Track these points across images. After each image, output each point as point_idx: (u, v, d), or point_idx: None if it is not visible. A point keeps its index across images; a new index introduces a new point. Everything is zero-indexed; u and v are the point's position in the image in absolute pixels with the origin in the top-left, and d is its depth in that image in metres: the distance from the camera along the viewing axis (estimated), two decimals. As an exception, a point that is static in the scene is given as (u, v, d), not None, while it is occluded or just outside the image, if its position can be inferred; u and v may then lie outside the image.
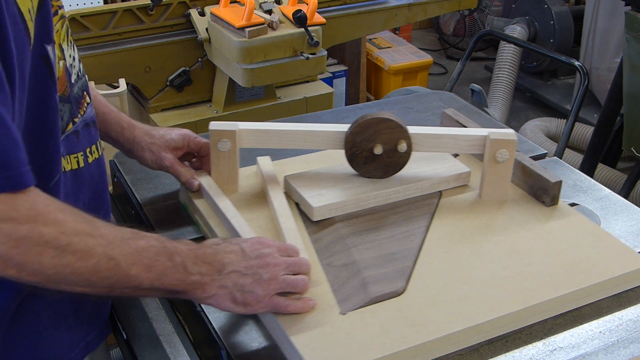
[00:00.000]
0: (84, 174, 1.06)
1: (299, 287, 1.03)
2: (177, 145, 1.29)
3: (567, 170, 1.53)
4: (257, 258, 1.01)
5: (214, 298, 0.98)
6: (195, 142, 1.31)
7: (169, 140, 1.28)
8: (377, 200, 1.28)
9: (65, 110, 1.01)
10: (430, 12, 2.98)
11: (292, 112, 2.59)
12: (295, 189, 1.28)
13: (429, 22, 5.41)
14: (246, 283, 0.98)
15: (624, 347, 1.05)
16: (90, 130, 1.08)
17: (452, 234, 1.22)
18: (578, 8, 4.57)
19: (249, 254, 1.01)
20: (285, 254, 1.04)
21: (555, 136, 3.76)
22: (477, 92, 2.71)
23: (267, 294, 0.99)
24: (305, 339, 0.99)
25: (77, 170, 1.04)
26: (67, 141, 1.01)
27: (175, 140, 1.29)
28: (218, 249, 1.00)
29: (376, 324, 1.02)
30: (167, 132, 1.29)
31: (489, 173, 1.29)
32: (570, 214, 1.28)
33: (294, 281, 1.02)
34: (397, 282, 1.10)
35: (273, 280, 1.00)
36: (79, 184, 1.04)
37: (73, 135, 1.02)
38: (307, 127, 1.29)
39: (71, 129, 1.02)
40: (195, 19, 2.43)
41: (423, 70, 4.14)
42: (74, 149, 1.03)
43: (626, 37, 2.67)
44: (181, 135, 1.30)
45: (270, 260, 1.01)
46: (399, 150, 1.27)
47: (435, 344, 1.01)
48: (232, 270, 0.98)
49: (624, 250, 1.19)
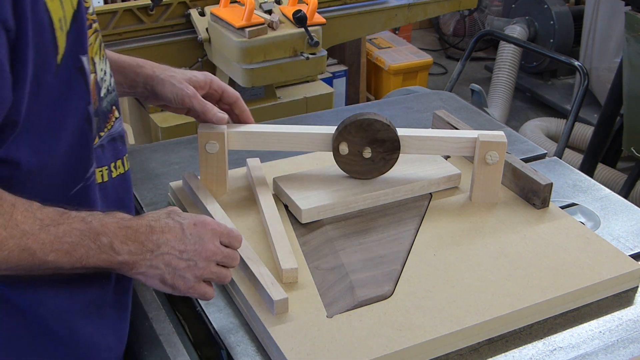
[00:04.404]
0: (108, 189, 1.05)
1: (225, 280, 1.03)
2: (198, 83, 1.24)
3: (567, 170, 1.53)
4: (196, 243, 0.98)
5: (143, 275, 0.96)
6: (218, 84, 1.27)
7: (190, 76, 1.24)
8: (366, 203, 1.28)
9: (94, 124, 1.00)
10: (430, 12, 2.98)
11: (292, 112, 2.59)
12: (284, 191, 1.28)
13: (429, 22, 5.40)
14: (179, 267, 0.97)
15: (624, 347, 1.05)
16: (117, 145, 1.07)
17: (442, 237, 1.22)
18: (578, 8, 4.55)
19: (188, 237, 0.98)
20: (226, 241, 1.02)
21: (555, 136, 3.75)
22: (477, 92, 2.71)
23: (197, 280, 0.99)
24: (291, 343, 0.99)
25: (101, 184, 1.03)
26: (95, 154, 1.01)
27: (197, 77, 1.24)
28: (155, 226, 0.97)
29: (363, 328, 1.02)
30: (189, 71, 1.26)
31: (479, 175, 1.29)
32: (561, 217, 1.28)
33: (224, 274, 1.02)
34: (385, 286, 1.10)
35: (206, 269, 0.99)
36: (104, 198, 1.03)
37: (99, 149, 1.02)
38: (295, 130, 1.29)
39: (97, 142, 1.01)
40: (195, 19, 2.43)
41: (423, 70, 4.13)
42: (99, 162, 1.02)
43: (626, 37, 2.67)
44: (203, 74, 1.26)
45: (209, 247, 0.99)
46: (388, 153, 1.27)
47: (422, 347, 1.00)
48: (167, 252, 0.96)
49: (615, 253, 1.19)
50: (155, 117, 2.48)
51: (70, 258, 0.90)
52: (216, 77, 1.27)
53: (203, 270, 0.99)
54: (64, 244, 0.89)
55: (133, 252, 0.94)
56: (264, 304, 1.06)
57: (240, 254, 1.12)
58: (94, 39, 1.00)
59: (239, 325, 1.08)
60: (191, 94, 1.21)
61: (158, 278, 0.97)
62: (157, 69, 1.24)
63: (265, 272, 1.08)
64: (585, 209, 1.39)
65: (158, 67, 1.24)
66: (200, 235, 0.99)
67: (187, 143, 1.58)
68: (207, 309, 1.10)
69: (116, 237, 0.93)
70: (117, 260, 0.93)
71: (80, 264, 0.91)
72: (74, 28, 0.90)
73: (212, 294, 1.01)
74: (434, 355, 1.02)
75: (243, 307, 1.09)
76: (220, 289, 1.14)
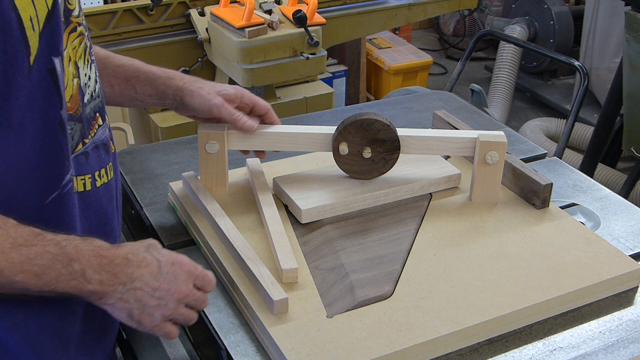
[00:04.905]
0: (91, 198, 1.02)
1: (190, 323, 1.00)
2: (229, 96, 1.23)
3: (567, 170, 1.53)
4: (170, 283, 0.96)
5: (111, 306, 0.94)
6: (249, 97, 1.26)
7: (220, 89, 1.24)
8: (366, 203, 1.28)
9: (77, 130, 0.98)
10: (430, 12, 2.98)
11: (292, 112, 2.59)
12: (284, 191, 1.28)
13: (429, 22, 5.40)
14: (149, 304, 0.94)
15: (624, 347, 1.05)
16: (100, 153, 1.04)
17: (442, 237, 1.22)
18: (578, 8, 4.56)
19: (163, 275, 0.95)
20: (200, 284, 1.00)
21: (555, 136, 3.75)
22: (477, 92, 2.71)
23: (163, 319, 0.96)
24: (291, 343, 0.99)
25: (83, 193, 1.00)
26: (76, 162, 0.98)
27: (228, 90, 1.24)
28: (132, 259, 0.94)
29: (363, 328, 1.02)
30: (220, 84, 1.26)
31: (479, 175, 1.29)
32: (561, 217, 1.28)
33: (191, 317, 0.99)
34: (385, 286, 1.10)
35: (175, 310, 0.97)
36: (85, 207, 1.01)
37: (82, 156, 0.99)
38: (295, 130, 1.29)
39: (80, 149, 0.99)
40: (195, 19, 2.43)
41: (423, 70, 4.13)
42: (82, 170, 1.00)
43: (626, 37, 2.67)
44: (234, 88, 1.25)
45: (182, 289, 0.97)
46: (388, 153, 1.27)
47: (422, 347, 1.00)
48: (139, 288, 0.94)
49: (615, 253, 1.19)
50: (155, 117, 2.48)
51: (39, 281, 0.87)
52: (247, 91, 1.27)
53: (172, 311, 0.96)
54: (34, 266, 0.86)
55: (104, 283, 0.91)
56: (264, 304, 1.06)
57: (240, 254, 1.12)
58: (78, 42, 0.98)
59: (239, 325, 1.08)
60: (219, 103, 1.21)
61: (126, 312, 0.94)
62: (187, 81, 1.24)
63: (265, 272, 1.08)
64: (585, 209, 1.39)
65: (188, 79, 1.24)
66: (175, 275, 0.96)
67: (187, 143, 1.58)
68: (207, 309, 1.10)
69: (89, 265, 0.90)
70: (87, 288, 0.90)
71: (48, 287, 0.88)
72: (48, 29, 0.88)
73: (176, 333, 0.99)
74: (434, 355, 1.02)
75: (243, 307, 1.09)
76: (220, 289, 1.14)
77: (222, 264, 1.14)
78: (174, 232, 1.27)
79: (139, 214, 1.34)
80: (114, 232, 1.09)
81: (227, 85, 1.26)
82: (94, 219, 1.03)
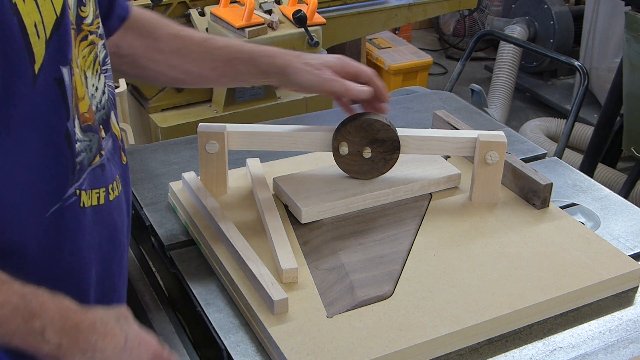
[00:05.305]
0: (104, 212, 0.97)
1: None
2: (335, 68, 1.23)
3: (567, 170, 1.53)
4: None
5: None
6: (352, 65, 1.25)
7: (324, 61, 1.23)
8: (366, 203, 1.28)
9: (95, 141, 0.93)
10: (430, 12, 2.98)
11: (292, 112, 2.58)
12: (284, 191, 1.28)
13: (429, 22, 5.40)
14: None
15: (624, 347, 1.05)
16: (114, 165, 1.00)
17: (441, 237, 1.22)
18: (578, 8, 4.56)
19: (127, 351, 0.88)
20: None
21: (555, 136, 3.75)
22: (477, 92, 2.71)
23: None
24: (291, 343, 0.99)
25: (97, 207, 0.96)
26: (93, 175, 0.94)
27: (331, 61, 1.23)
28: (98, 327, 0.87)
29: (363, 328, 1.02)
30: (321, 55, 1.25)
31: (479, 175, 1.29)
32: (561, 217, 1.28)
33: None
34: (385, 286, 1.10)
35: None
36: (97, 221, 0.96)
37: (99, 168, 0.95)
38: (295, 129, 1.29)
39: (98, 162, 0.94)
40: (195, 19, 2.43)
41: (423, 70, 4.13)
42: (98, 183, 0.95)
43: (626, 37, 2.67)
44: (337, 58, 1.24)
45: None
46: (388, 153, 1.27)
47: (422, 347, 1.00)
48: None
49: (615, 253, 1.19)
50: (155, 117, 2.48)
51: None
52: (348, 59, 1.25)
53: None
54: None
55: (63, 347, 0.84)
56: (264, 304, 1.06)
57: (240, 254, 1.12)
58: (88, 52, 0.94)
59: (239, 325, 1.08)
60: (328, 77, 1.21)
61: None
62: (289, 58, 1.23)
63: (265, 272, 1.08)
64: (585, 209, 1.39)
65: (289, 55, 1.23)
66: (139, 355, 0.90)
67: (187, 143, 1.58)
68: (207, 309, 1.10)
69: (52, 324, 0.83)
70: (44, 350, 0.84)
71: (2, 339, 0.82)
72: (56, 36, 0.84)
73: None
74: (434, 355, 1.02)
75: (243, 307, 1.09)
76: (220, 289, 1.14)
77: (222, 264, 1.14)
78: (174, 232, 1.27)
79: (139, 214, 1.34)
80: (122, 246, 1.05)
81: (329, 56, 1.25)
82: (104, 233, 0.99)
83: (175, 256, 1.21)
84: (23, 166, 0.85)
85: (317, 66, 1.22)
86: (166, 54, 1.21)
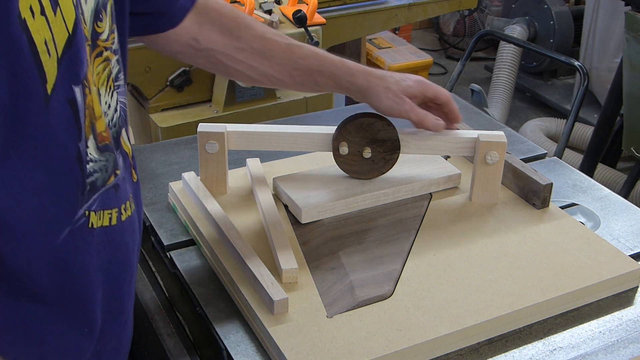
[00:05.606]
0: (115, 233, 0.93)
1: None
2: (413, 94, 1.25)
3: (567, 170, 1.53)
4: None
5: None
6: (431, 90, 1.27)
7: (405, 87, 1.24)
8: (366, 203, 1.28)
9: (111, 161, 0.90)
10: (430, 12, 2.98)
11: (292, 112, 2.59)
12: (283, 191, 1.28)
13: (429, 22, 5.40)
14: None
15: (624, 347, 1.05)
16: (126, 185, 0.96)
17: (441, 237, 1.22)
18: (578, 8, 4.56)
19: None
20: None
21: (555, 136, 3.75)
22: (477, 92, 2.71)
23: None
24: (291, 343, 0.99)
25: (108, 228, 0.91)
26: (106, 195, 0.90)
27: (412, 87, 1.25)
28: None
29: (362, 328, 1.02)
30: (402, 79, 1.25)
31: (479, 175, 1.29)
32: (561, 217, 1.28)
33: None
34: (385, 286, 1.10)
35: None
36: (108, 243, 0.92)
37: (112, 189, 0.91)
38: (295, 130, 1.29)
39: (112, 181, 0.91)
40: (195, 19, 2.43)
41: (423, 70, 4.13)
42: (109, 204, 0.91)
43: (626, 37, 2.67)
44: (416, 82, 1.26)
45: None
46: (388, 153, 1.27)
47: (422, 347, 1.00)
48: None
49: (615, 253, 1.19)
50: (155, 117, 2.48)
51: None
52: (427, 82, 1.27)
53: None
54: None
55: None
56: (264, 304, 1.06)
57: (240, 254, 1.12)
58: (102, 68, 0.90)
59: (239, 325, 1.08)
60: (408, 108, 1.23)
61: None
62: (372, 79, 1.23)
63: (265, 272, 1.08)
64: (585, 209, 1.39)
65: (372, 76, 1.24)
66: None
67: (187, 143, 1.58)
68: (207, 309, 1.10)
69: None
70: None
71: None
72: (68, 55, 0.79)
73: None
74: (434, 355, 1.02)
75: (243, 307, 1.09)
76: (220, 289, 1.14)
77: (222, 264, 1.14)
78: (174, 232, 1.27)
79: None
80: (132, 267, 1.01)
81: (410, 80, 1.26)
82: (114, 255, 0.95)
83: (175, 256, 1.21)
84: (33, 190, 0.81)
85: (398, 93, 1.23)
86: (248, 54, 1.21)
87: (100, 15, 0.88)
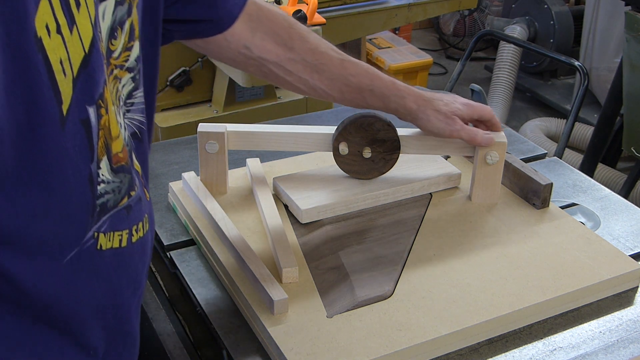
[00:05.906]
0: (125, 255, 0.90)
1: None
2: (462, 117, 1.26)
3: (567, 170, 1.53)
4: None
5: None
6: (477, 110, 1.29)
7: (454, 109, 1.26)
8: (366, 203, 1.28)
9: (125, 182, 0.87)
10: (430, 12, 2.99)
11: (292, 112, 2.59)
12: (283, 191, 1.28)
13: (429, 22, 5.40)
14: None
15: (624, 347, 1.05)
16: (141, 206, 0.93)
17: (441, 237, 1.22)
18: (578, 8, 4.56)
19: None
20: None
21: (555, 136, 3.75)
22: (477, 92, 2.70)
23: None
24: (291, 343, 0.99)
25: (118, 250, 0.88)
26: (117, 216, 0.87)
27: (461, 110, 1.27)
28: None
29: (363, 328, 1.02)
30: (451, 102, 1.27)
31: (479, 175, 1.29)
32: (561, 217, 1.28)
33: None
34: (385, 286, 1.10)
35: None
36: (117, 266, 0.89)
37: (124, 210, 0.88)
38: (295, 130, 1.29)
39: (125, 203, 0.88)
40: (195, 19, 2.42)
41: (423, 70, 4.13)
42: (119, 225, 0.88)
43: (626, 37, 2.67)
44: (465, 105, 1.28)
45: None
46: (388, 153, 1.27)
47: (422, 347, 1.00)
48: None
49: (615, 253, 1.19)
50: (156, 117, 2.47)
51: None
52: (473, 104, 1.29)
53: None
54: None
55: None
56: (264, 304, 1.06)
57: (240, 254, 1.12)
58: (113, 85, 0.87)
59: (239, 325, 1.08)
60: (459, 128, 1.25)
61: None
62: (421, 102, 1.24)
63: (265, 272, 1.08)
64: (585, 209, 1.39)
65: (421, 99, 1.24)
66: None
67: (187, 143, 1.58)
68: (207, 308, 1.10)
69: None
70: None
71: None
72: (84, 75, 0.77)
73: None
74: (434, 355, 1.02)
75: (243, 307, 1.09)
76: (220, 289, 1.14)
77: (222, 264, 1.14)
78: (174, 232, 1.27)
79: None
80: (140, 289, 0.98)
81: (458, 101, 1.28)
82: (123, 277, 0.92)
83: (175, 256, 1.21)
84: (43, 211, 0.79)
85: (448, 114, 1.25)
86: (300, 67, 1.20)
87: (115, 33, 0.86)
